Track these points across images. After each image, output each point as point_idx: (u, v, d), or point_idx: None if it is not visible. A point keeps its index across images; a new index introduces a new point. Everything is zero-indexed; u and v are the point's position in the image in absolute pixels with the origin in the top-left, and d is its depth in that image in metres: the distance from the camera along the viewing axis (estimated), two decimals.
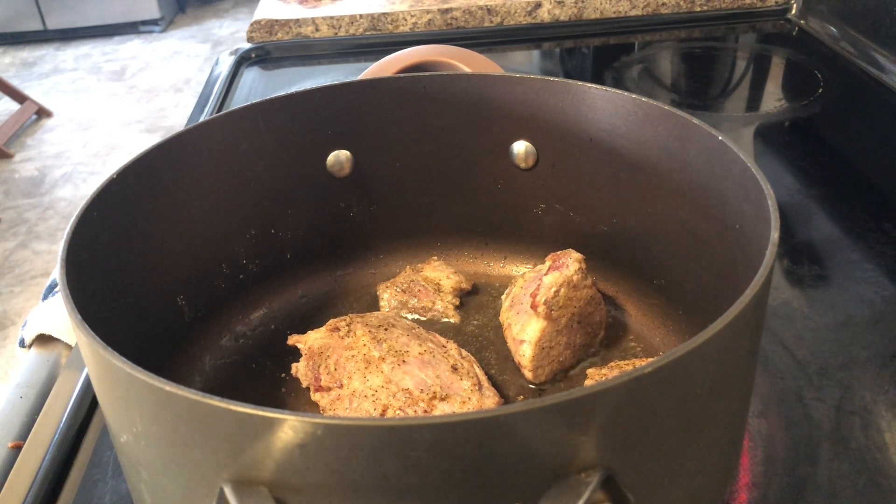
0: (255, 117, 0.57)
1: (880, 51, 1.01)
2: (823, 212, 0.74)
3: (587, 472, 0.30)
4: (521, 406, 0.28)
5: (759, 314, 0.37)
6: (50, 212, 2.72)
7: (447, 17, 1.21)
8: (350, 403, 0.50)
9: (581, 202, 0.61)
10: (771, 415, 0.52)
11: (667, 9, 1.22)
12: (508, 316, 0.57)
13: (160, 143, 0.52)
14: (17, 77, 3.81)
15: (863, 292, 0.63)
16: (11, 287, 2.35)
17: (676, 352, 0.30)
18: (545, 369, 0.54)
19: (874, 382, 0.54)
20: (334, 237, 0.65)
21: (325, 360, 0.53)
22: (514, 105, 0.59)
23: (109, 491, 0.50)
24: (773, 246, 0.37)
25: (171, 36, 4.31)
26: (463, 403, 0.49)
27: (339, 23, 1.21)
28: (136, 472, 0.38)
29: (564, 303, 0.53)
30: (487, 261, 0.67)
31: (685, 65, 1.14)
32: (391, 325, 0.55)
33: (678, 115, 0.51)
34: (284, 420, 0.28)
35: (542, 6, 1.21)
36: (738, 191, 0.45)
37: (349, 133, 0.61)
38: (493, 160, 0.62)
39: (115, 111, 3.44)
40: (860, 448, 0.49)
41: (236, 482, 0.31)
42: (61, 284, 0.38)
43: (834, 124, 0.93)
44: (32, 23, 4.19)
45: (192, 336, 0.57)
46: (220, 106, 1.03)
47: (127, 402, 0.33)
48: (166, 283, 0.54)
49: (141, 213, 0.51)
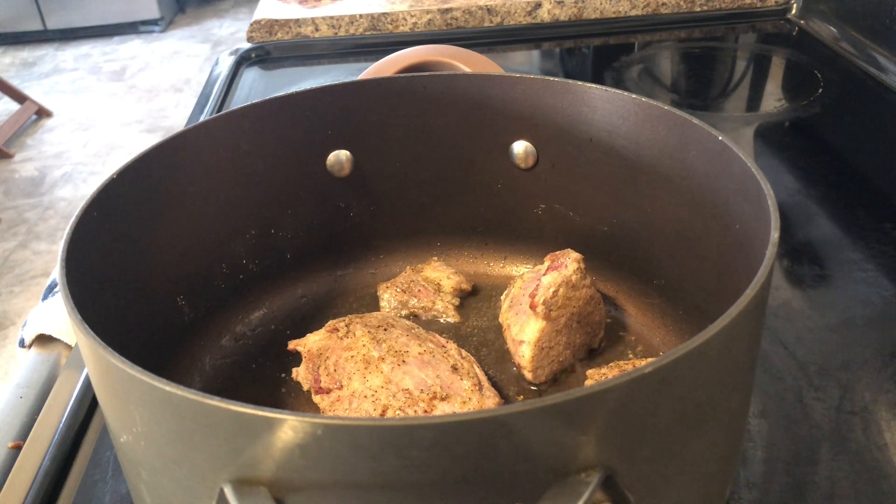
0: (255, 117, 0.57)
1: (880, 51, 1.01)
2: (823, 212, 0.74)
3: (587, 472, 0.30)
4: (521, 406, 0.28)
5: (759, 314, 0.37)
6: (50, 212, 2.72)
7: (447, 17, 1.21)
8: (350, 404, 0.50)
9: (581, 202, 0.61)
10: (771, 415, 0.52)
11: (667, 9, 1.22)
12: (508, 317, 0.57)
13: (160, 143, 0.52)
14: (17, 77, 3.81)
15: (863, 292, 0.63)
16: (11, 287, 2.35)
17: (676, 352, 0.30)
18: (545, 370, 0.54)
19: (874, 382, 0.54)
20: (334, 237, 0.65)
21: (324, 362, 0.53)
22: (514, 105, 0.59)
23: (109, 491, 0.50)
24: (773, 246, 0.37)
25: (171, 36, 4.31)
26: (463, 403, 0.49)
27: (339, 23, 1.21)
28: (136, 472, 0.38)
29: (563, 303, 0.53)
30: (487, 261, 0.67)
31: (685, 65, 1.14)
32: (390, 326, 0.55)
33: (678, 115, 0.51)
34: (284, 420, 0.28)
35: (542, 6, 1.21)
36: (738, 191, 0.45)
37: (349, 133, 0.61)
38: (493, 160, 0.62)
39: (115, 111, 3.44)
40: (860, 448, 0.49)
41: (236, 482, 0.31)
42: (61, 284, 0.38)
43: (834, 124, 0.93)
44: (32, 23, 4.19)
45: (192, 336, 0.57)
46: (220, 106, 1.03)
47: (127, 402, 0.33)
48: (166, 283, 0.54)
49: (141, 212, 0.51)
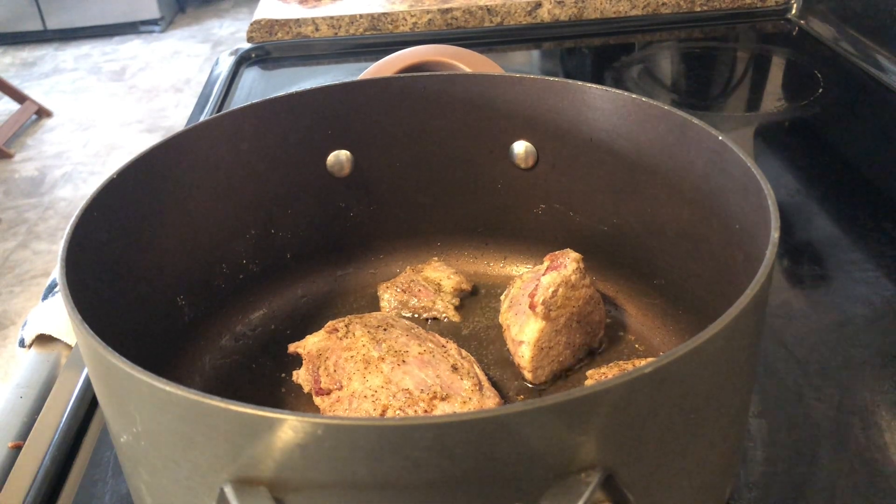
0: (255, 117, 0.57)
1: (880, 51, 1.01)
2: (823, 212, 0.74)
3: (587, 472, 0.30)
4: (521, 406, 0.28)
5: (759, 314, 0.37)
6: (50, 212, 2.72)
7: (447, 17, 1.21)
8: (350, 404, 0.50)
9: (581, 202, 0.61)
10: (771, 415, 0.52)
11: (667, 9, 1.22)
12: (507, 317, 0.57)
13: (160, 143, 0.52)
14: (17, 77, 3.81)
15: (863, 292, 0.63)
16: (11, 287, 2.35)
17: (676, 352, 0.30)
18: (545, 370, 0.54)
19: (874, 382, 0.54)
20: (334, 237, 0.65)
21: (324, 362, 0.53)
22: (514, 105, 0.59)
23: (109, 491, 0.50)
24: (773, 246, 0.37)
25: (171, 36, 4.31)
26: (464, 403, 0.49)
27: (339, 23, 1.21)
28: (136, 472, 0.38)
29: (563, 303, 0.53)
30: (487, 261, 0.67)
31: (685, 65, 1.14)
32: (390, 326, 0.55)
33: (678, 115, 0.51)
34: (284, 420, 0.28)
35: (542, 6, 1.21)
36: (738, 191, 0.45)
37: (349, 133, 0.61)
38: (493, 160, 0.62)
39: (115, 111, 3.44)
40: (860, 448, 0.49)
41: (236, 482, 0.31)
42: (61, 284, 0.38)
43: (834, 124, 0.93)
44: (32, 23, 4.19)
45: (192, 336, 0.57)
46: (220, 106, 1.03)
47: (127, 402, 0.33)
48: (166, 282, 0.54)
49: (141, 212, 0.51)
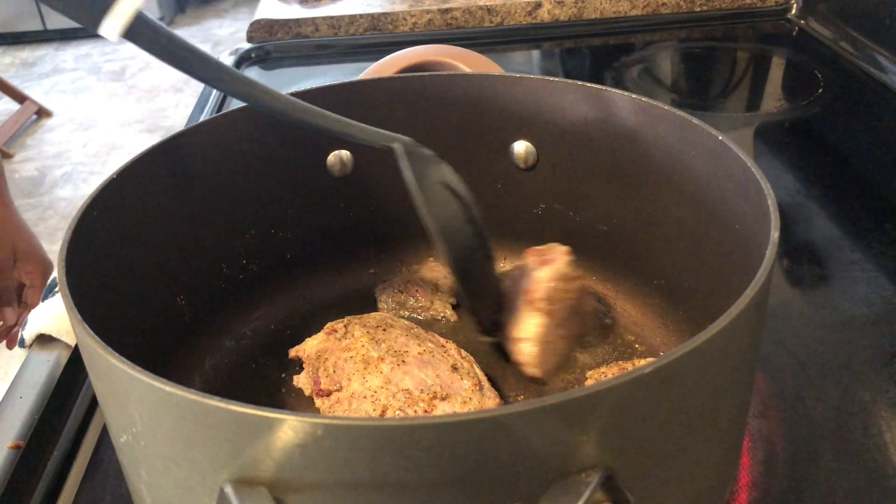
0: (255, 117, 0.57)
1: (880, 51, 1.01)
2: (823, 212, 0.74)
3: (587, 472, 0.30)
4: (521, 406, 0.28)
5: (759, 314, 0.37)
6: (50, 212, 2.72)
7: (447, 17, 1.21)
8: (349, 405, 0.50)
9: (581, 202, 0.61)
10: (771, 415, 0.52)
11: (667, 9, 1.22)
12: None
13: (160, 143, 0.52)
14: (17, 77, 3.81)
15: (863, 292, 0.63)
16: None
17: (676, 352, 0.30)
18: (549, 363, 0.55)
19: (874, 382, 0.54)
20: (334, 237, 0.65)
21: (323, 363, 0.53)
22: (514, 105, 0.59)
23: (109, 491, 0.50)
24: (773, 246, 0.37)
25: None
26: (464, 403, 0.49)
27: (339, 23, 1.21)
28: (136, 472, 0.38)
29: (560, 296, 0.53)
30: None
31: (685, 65, 1.14)
32: (389, 326, 0.55)
33: (678, 115, 0.51)
34: (284, 420, 0.28)
35: (542, 6, 1.21)
36: (738, 191, 0.45)
37: None
38: (493, 160, 0.62)
39: (115, 111, 3.44)
40: (860, 448, 0.49)
41: (236, 482, 0.31)
42: (61, 284, 0.38)
43: (834, 124, 0.93)
44: (32, 23, 4.19)
45: (192, 336, 0.57)
46: (220, 106, 1.03)
47: (127, 402, 0.33)
48: (166, 283, 0.54)
49: (141, 212, 0.51)
